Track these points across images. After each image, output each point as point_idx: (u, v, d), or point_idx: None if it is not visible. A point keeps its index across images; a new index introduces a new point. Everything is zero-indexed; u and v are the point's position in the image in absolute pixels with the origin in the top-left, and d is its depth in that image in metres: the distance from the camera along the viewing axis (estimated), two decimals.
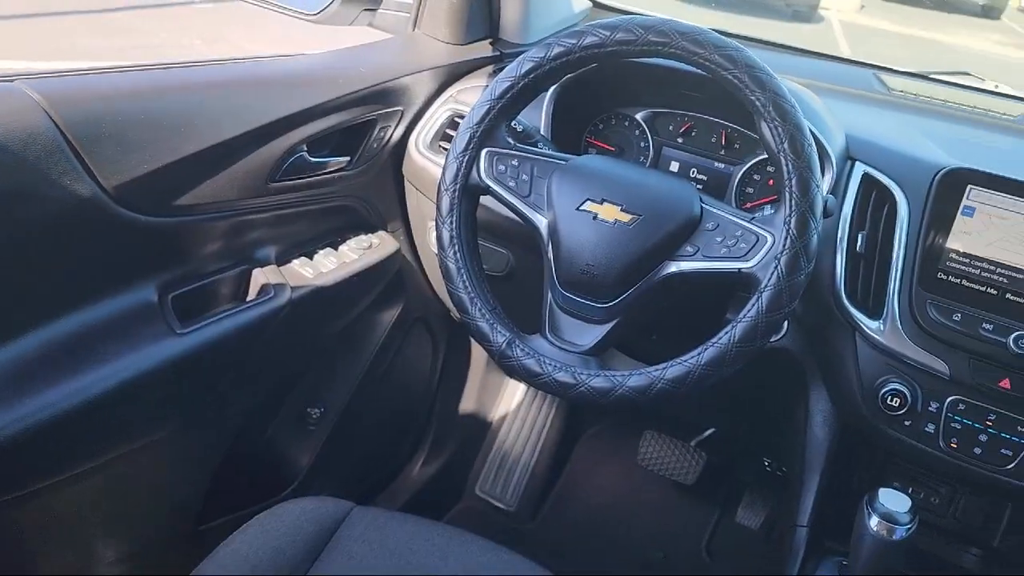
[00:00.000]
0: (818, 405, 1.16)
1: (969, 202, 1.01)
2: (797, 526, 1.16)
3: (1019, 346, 0.95)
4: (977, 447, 1.01)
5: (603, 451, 1.98)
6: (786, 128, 0.88)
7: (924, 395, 1.03)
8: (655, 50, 0.93)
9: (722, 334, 0.89)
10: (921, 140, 1.14)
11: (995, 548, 1.19)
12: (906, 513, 0.92)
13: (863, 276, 1.05)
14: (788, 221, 0.87)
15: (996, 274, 0.99)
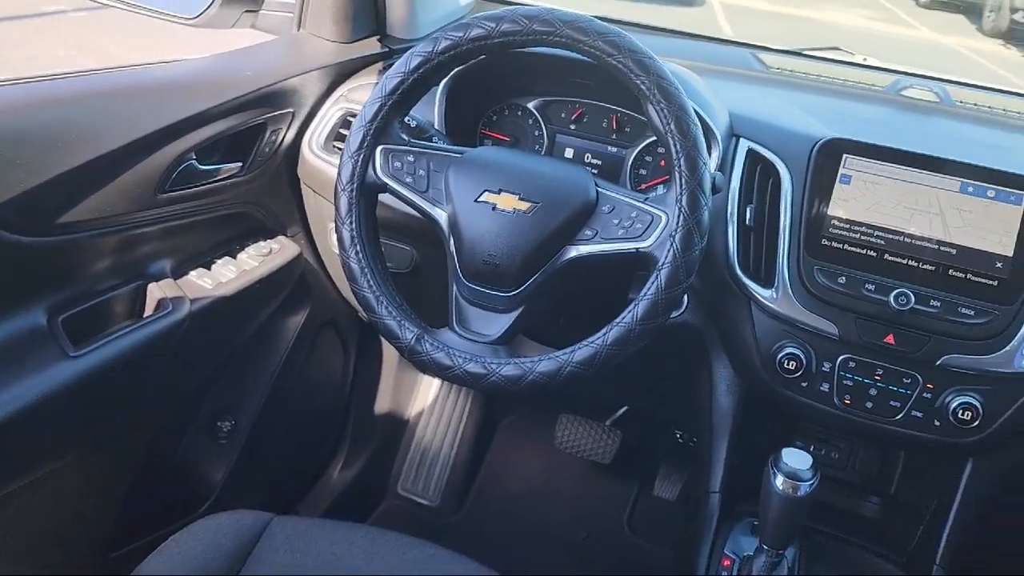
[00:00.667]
0: (721, 374, 1.21)
1: (846, 170, 1.07)
2: (710, 492, 1.20)
3: (899, 303, 1.01)
4: (868, 401, 1.07)
5: (521, 438, 2.00)
6: (671, 110, 0.91)
7: (817, 356, 1.08)
8: (541, 39, 0.94)
9: (625, 313, 0.91)
10: (799, 114, 1.19)
11: (892, 495, 1.26)
12: (808, 470, 0.96)
13: (754, 247, 1.09)
14: (680, 199, 0.90)
15: (874, 237, 1.05)
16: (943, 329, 1.01)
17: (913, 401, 1.05)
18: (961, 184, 1.04)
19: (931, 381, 1.04)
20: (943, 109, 1.35)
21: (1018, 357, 0.99)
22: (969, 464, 1.12)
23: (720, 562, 1.12)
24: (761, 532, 1.04)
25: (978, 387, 1.02)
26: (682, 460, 1.87)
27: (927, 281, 1.02)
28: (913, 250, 1.03)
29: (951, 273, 1.02)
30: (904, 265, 1.04)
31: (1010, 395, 1.02)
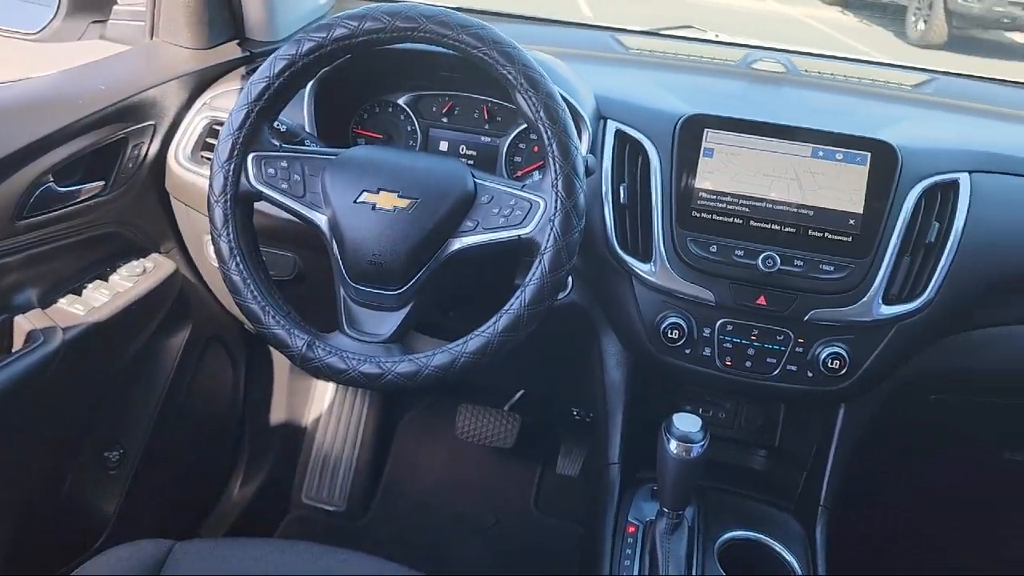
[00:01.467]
0: (610, 349, 1.25)
1: (708, 144, 1.12)
2: (609, 464, 1.24)
3: (767, 265, 1.07)
4: (747, 360, 1.13)
5: (423, 432, 2.01)
6: (539, 97, 0.93)
7: (698, 323, 1.13)
8: (405, 35, 0.94)
9: (513, 300, 0.93)
10: (660, 93, 1.24)
11: (777, 447, 1.34)
12: (699, 432, 1.01)
13: (630, 224, 1.13)
14: (555, 184, 0.92)
15: (739, 205, 1.11)
16: (808, 286, 1.08)
17: (787, 356, 1.12)
18: (812, 149, 1.11)
19: (802, 336, 1.11)
20: (791, 79, 1.43)
21: (875, 306, 1.07)
22: (841, 410, 1.20)
23: (625, 529, 1.16)
24: (661, 496, 1.08)
25: (843, 337, 1.10)
26: (581, 436, 1.92)
27: (790, 243, 1.09)
28: (775, 215, 1.10)
29: (810, 233, 1.09)
30: (768, 229, 1.10)
31: (872, 342, 1.09)
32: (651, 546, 1.10)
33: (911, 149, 1.10)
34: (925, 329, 1.10)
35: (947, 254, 1.08)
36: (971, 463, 1.50)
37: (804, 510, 1.23)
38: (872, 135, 1.10)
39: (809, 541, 1.18)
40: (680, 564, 1.06)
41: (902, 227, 1.07)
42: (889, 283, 1.07)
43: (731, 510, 1.20)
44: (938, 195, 1.09)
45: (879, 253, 1.07)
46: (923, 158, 1.10)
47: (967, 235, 1.08)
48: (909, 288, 1.08)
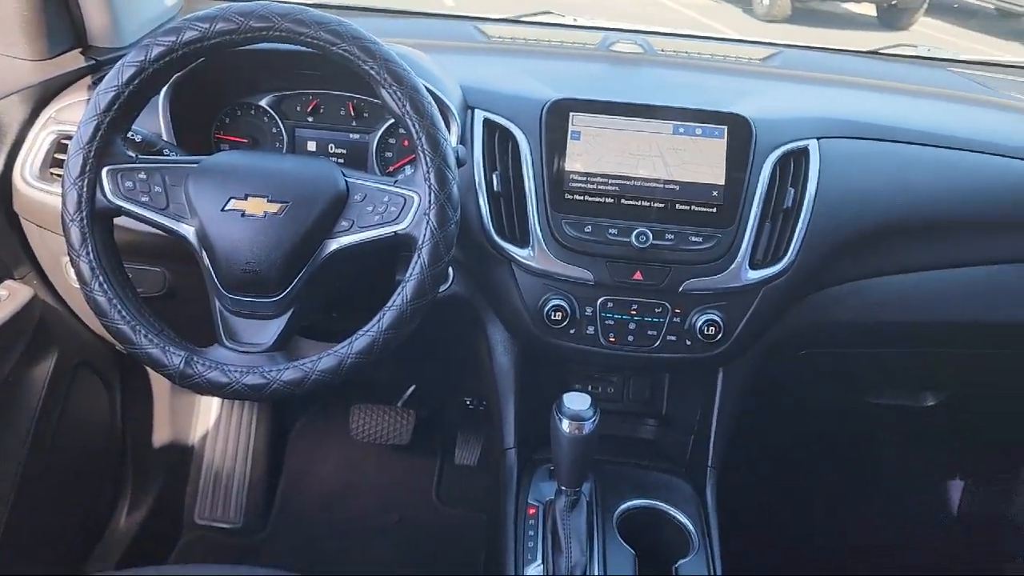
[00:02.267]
0: (496, 336, 1.26)
1: (575, 127, 1.15)
2: (506, 449, 1.26)
3: (640, 241, 1.10)
4: (630, 335, 1.17)
5: (316, 438, 1.97)
6: (404, 91, 0.92)
7: (579, 303, 1.16)
8: (260, 35, 0.92)
9: (396, 296, 0.93)
10: (525, 80, 1.25)
11: (664, 415, 1.39)
12: (589, 409, 1.04)
13: (506, 212, 1.15)
14: (428, 177, 0.92)
15: (609, 185, 1.13)
16: (680, 258, 1.12)
17: (667, 327, 1.16)
18: (673, 127, 1.15)
19: (678, 307, 1.15)
20: (648, 59, 1.47)
21: (743, 272, 1.13)
22: (720, 374, 1.25)
23: (526, 511, 1.18)
24: (558, 475, 1.11)
25: (717, 304, 1.15)
26: (476, 424, 1.93)
27: (660, 218, 1.13)
28: (644, 192, 1.13)
29: (678, 207, 1.13)
30: (639, 206, 1.13)
31: (742, 306, 1.15)
32: (552, 525, 1.12)
33: (763, 120, 1.16)
34: (789, 289, 1.16)
35: (803, 218, 1.14)
36: (841, 411, 1.60)
37: (694, 473, 1.28)
38: (727, 109, 1.16)
39: (701, 502, 1.23)
40: (582, 539, 1.09)
41: (761, 195, 1.13)
42: (754, 249, 1.13)
43: (626, 481, 1.24)
44: (791, 163, 1.15)
45: (742, 221, 1.12)
46: (775, 128, 1.16)
47: (820, 198, 1.15)
48: (772, 252, 1.14)
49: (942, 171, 1.22)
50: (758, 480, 1.73)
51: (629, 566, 1.10)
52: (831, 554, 1.82)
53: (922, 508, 1.99)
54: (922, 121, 1.31)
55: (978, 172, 1.23)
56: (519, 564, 1.12)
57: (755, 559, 1.40)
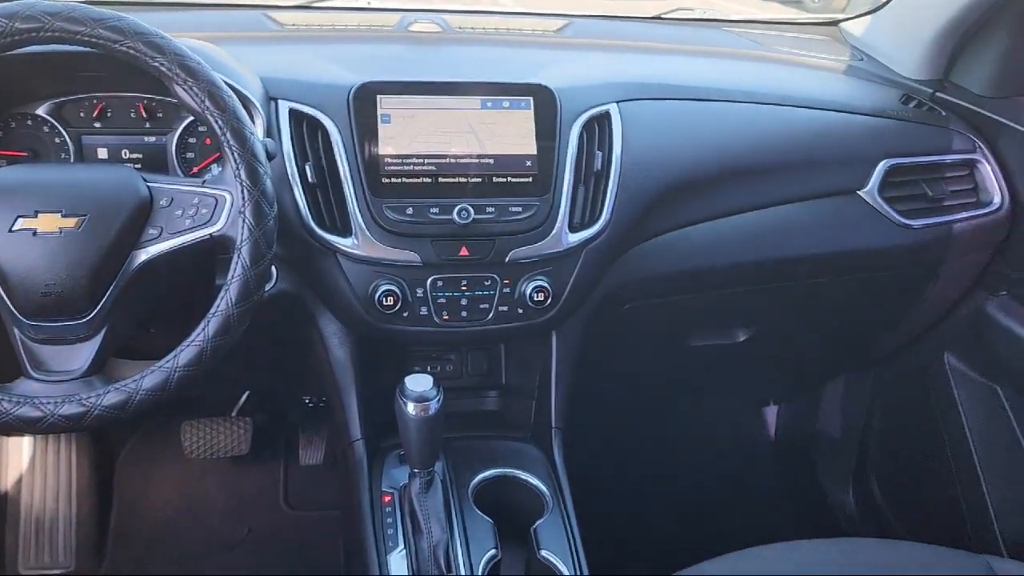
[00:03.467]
0: (329, 329, 1.24)
1: (384, 110, 1.14)
2: (353, 442, 1.24)
3: (462, 217, 1.11)
4: (463, 311, 1.18)
5: (148, 463, 1.86)
6: (201, 86, 0.88)
7: (410, 286, 1.15)
8: (29, 38, 0.84)
9: (219, 301, 0.89)
10: (327, 66, 1.22)
11: (505, 385, 1.42)
12: (432, 389, 1.04)
13: (324, 202, 1.12)
14: (238, 174, 0.89)
15: (426, 165, 1.14)
16: (503, 230, 1.14)
17: (498, 299, 1.18)
18: (481, 101, 1.16)
19: (507, 277, 1.17)
20: (448, 37, 1.48)
21: (563, 236, 1.16)
22: (554, 338, 1.29)
23: (381, 500, 1.18)
24: (409, 459, 1.11)
25: (543, 270, 1.18)
26: (318, 422, 1.89)
27: (479, 192, 1.14)
28: (461, 168, 1.14)
29: (495, 180, 1.15)
30: (457, 183, 1.14)
31: (567, 269, 1.19)
32: (410, 508, 1.12)
33: (565, 89, 1.20)
34: (608, 248, 1.21)
35: (613, 178, 1.19)
36: (666, 357, 1.69)
37: (540, 436, 1.32)
38: (531, 80, 1.19)
39: (549, 463, 1.27)
40: (440, 517, 1.10)
41: (572, 161, 1.17)
42: (571, 213, 1.17)
43: (476, 453, 1.26)
44: (595, 127, 1.20)
45: (557, 188, 1.16)
46: (577, 95, 1.21)
47: (626, 159, 1.20)
48: (589, 215, 1.19)
49: (730, 123, 1.32)
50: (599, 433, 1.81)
51: (489, 535, 1.13)
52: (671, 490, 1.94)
53: (745, 435, 2.16)
54: (707, 78, 1.40)
55: (761, 121, 1.34)
56: (381, 554, 1.12)
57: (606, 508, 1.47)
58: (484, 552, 1.10)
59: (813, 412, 1.98)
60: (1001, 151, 1.40)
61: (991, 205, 1.38)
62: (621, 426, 1.94)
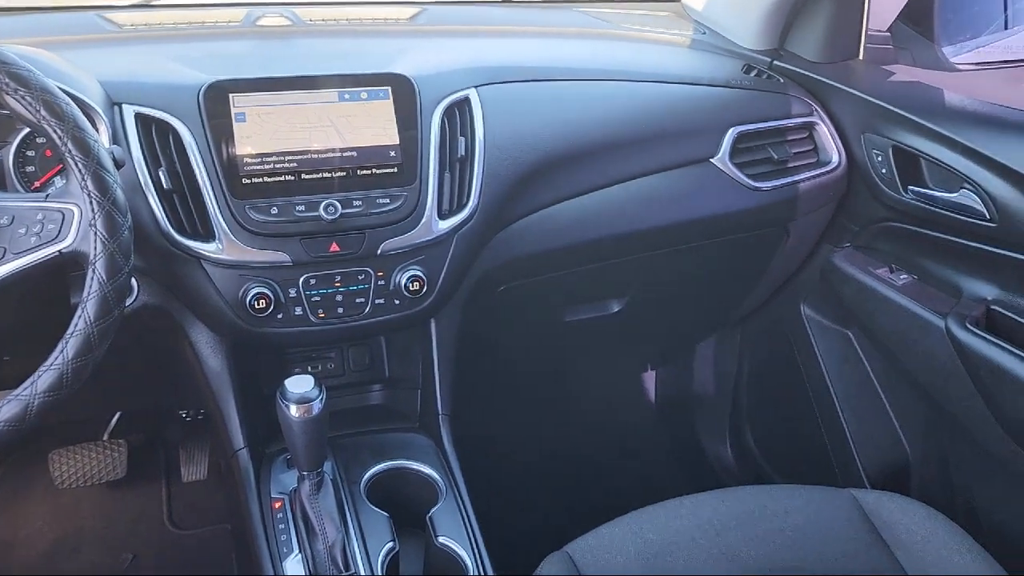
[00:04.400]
0: (201, 339, 1.20)
1: (238, 109, 1.10)
2: (237, 451, 1.21)
3: (329, 213, 1.10)
4: (339, 307, 1.17)
5: (13, 499, 1.75)
6: (34, 95, 0.83)
7: (282, 286, 1.13)
8: None
9: (77, 320, 0.85)
10: (173, 66, 1.18)
11: (389, 377, 1.41)
12: (314, 389, 1.02)
13: (182, 208, 1.08)
14: (85, 186, 0.85)
15: (287, 162, 1.11)
16: (372, 222, 1.14)
17: (373, 292, 1.17)
18: (339, 94, 1.15)
19: (380, 269, 1.17)
20: (298, 30, 1.45)
21: (433, 224, 1.17)
22: (432, 327, 1.30)
23: (271, 507, 1.15)
24: (296, 462, 1.09)
25: (416, 259, 1.18)
26: (198, 436, 1.82)
27: (345, 186, 1.13)
28: (324, 163, 1.13)
29: (360, 173, 1.14)
30: (322, 179, 1.12)
31: (440, 257, 1.20)
32: (302, 512, 1.11)
33: (423, 76, 1.20)
34: (479, 232, 1.23)
35: (478, 163, 1.21)
36: (544, 335, 1.73)
37: (428, 425, 1.32)
38: (387, 70, 1.18)
39: (440, 450, 1.28)
40: (334, 516, 1.09)
41: (436, 148, 1.17)
42: (439, 201, 1.17)
43: (366, 449, 1.25)
44: (456, 113, 1.21)
45: (423, 176, 1.16)
46: (435, 82, 1.21)
47: (489, 143, 1.22)
48: (457, 200, 1.20)
49: (586, 102, 1.35)
50: (487, 415, 1.83)
51: (386, 529, 1.13)
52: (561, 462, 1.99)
53: (627, 402, 2.24)
54: (562, 59, 1.43)
55: (614, 98, 1.38)
56: (275, 562, 1.10)
57: (500, 488, 1.49)
58: (381, 546, 1.10)
59: (688, 373, 2.07)
60: (835, 113, 1.50)
61: (830, 164, 1.48)
62: (508, 406, 1.97)
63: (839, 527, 1.14)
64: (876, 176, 1.43)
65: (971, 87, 1.43)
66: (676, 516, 1.15)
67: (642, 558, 1.08)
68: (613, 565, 1.08)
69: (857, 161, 1.47)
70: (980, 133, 1.25)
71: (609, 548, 1.10)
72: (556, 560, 1.09)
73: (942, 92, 1.39)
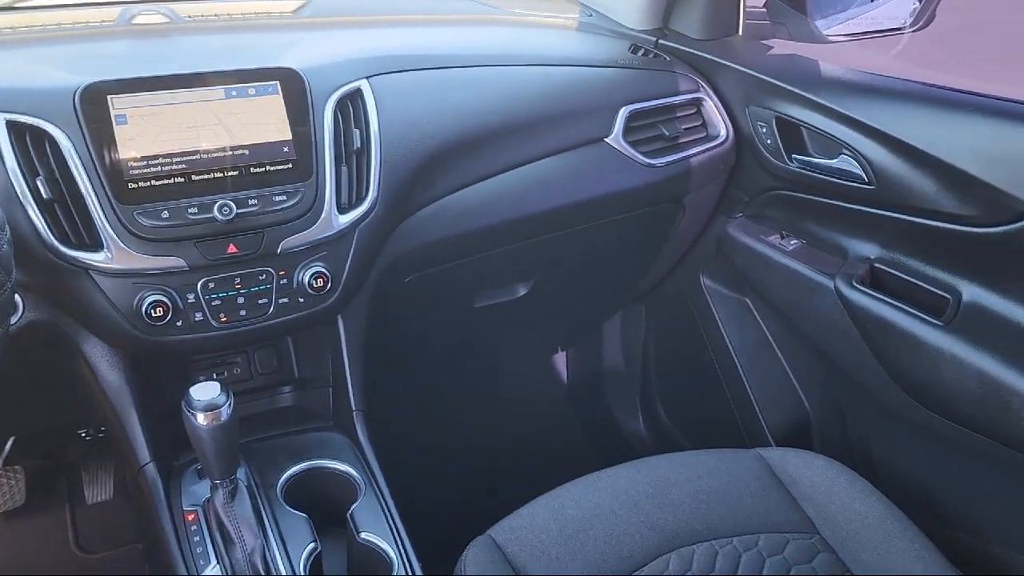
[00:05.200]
0: (96, 354, 1.15)
1: (117, 111, 1.06)
2: (142, 467, 1.17)
3: (224, 214, 1.07)
4: (241, 310, 1.14)
5: None
6: None
7: (179, 293, 1.09)
8: None
9: None
10: (43, 69, 1.12)
11: (299, 378, 1.38)
12: (221, 395, 1.00)
13: (65, 218, 1.03)
14: None
15: (175, 164, 1.07)
16: (270, 220, 1.11)
17: (276, 292, 1.15)
18: (225, 91, 1.11)
19: (282, 268, 1.15)
20: (177, 28, 1.40)
21: (333, 219, 1.15)
22: (340, 323, 1.28)
23: (184, 520, 1.12)
24: (208, 471, 1.06)
25: (318, 256, 1.16)
26: (101, 454, 1.75)
27: (238, 185, 1.10)
28: (214, 163, 1.09)
29: (254, 171, 1.11)
30: (213, 179, 1.09)
31: (343, 252, 1.18)
32: (217, 521, 1.08)
33: (313, 69, 1.18)
34: (381, 224, 1.22)
35: (375, 154, 1.19)
36: (455, 323, 1.73)
37: (342, 422, 1.31)
38: (274, 64, 1.15)
39: (356, 446, 1.27)
40: (252, 523, 1.07)
41: (330, 141, 1.15)
42: (338, 195, 1.16)
43: (280, 452, 1.23)
44: (349, 105, 1.19)
45: (319, 171, 1.14)
46: (325, 75, 1.19)
47: (385, 133, 1.21)
48: (356, 194, 1.18)
49: (480, 88, 1.36)
50: (403, 407, 1.82)
51: (306, 530, 1.11)
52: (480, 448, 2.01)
53: (541, 384, 2.27)
54: (453, 46, 1.43)
55: (508, 83, 1.39)
56: (193, 574, 1.07)
57: (420, 479, 1.49)
58: (303, 548, 1.09)
59: (597, 351, 2.11)
60: (720, 88, 1.55)
61: (719, 138, 1.53)
62: (422, 396, 1.96)
63: (748, 485, 1.18)
64: (762, 147, 1.48)
65: (844, 57, 1.50)
66: (594, 490, 1.17)
67: (564, 534, 1.10)
68: (536, 544, 1.10)
69: (743, 133, 1.53)
70: (854, 101, 1.31)
71: (531, 528, 1.12)
72: (480, 545, 1.10)
73: (817, 63, 1.45)
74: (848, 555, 1.10)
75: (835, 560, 1.09)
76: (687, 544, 1.10)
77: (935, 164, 1.19)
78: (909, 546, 1.10)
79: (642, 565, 1.08)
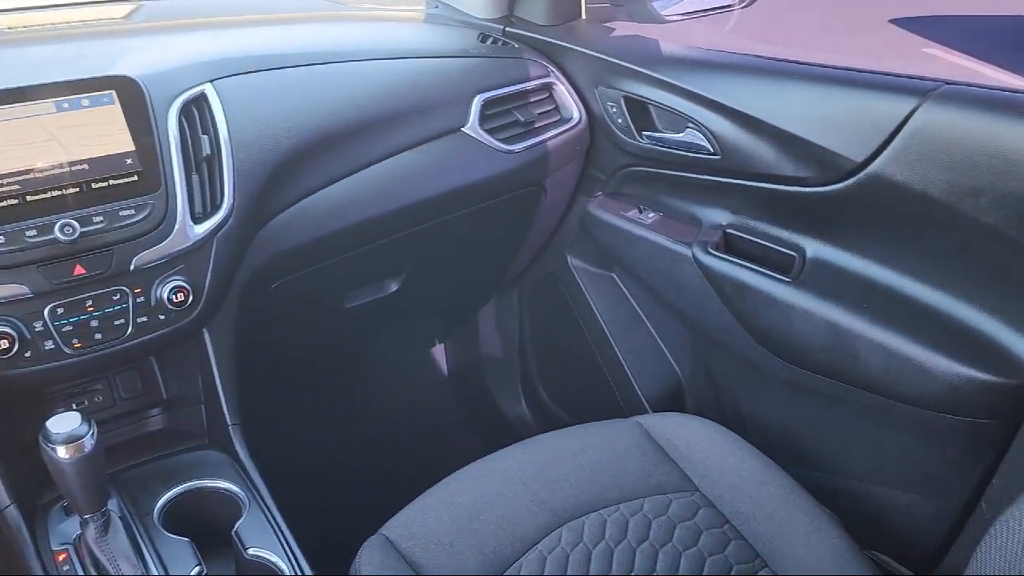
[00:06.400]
0: None
1: None
2: (3, 511, 1.09)
3: (67, 234, 1.01)
4: (96, 333, 1.08)
5: None
6: None
7: (25, 321, 1.03)
8: None
9: None
10: None
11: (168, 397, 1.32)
12: (83, 425, 0.94)
13: None
14: None
15: (5, 185, 1.00)
16: (118, 238, 1.06)
17: (133, 311, 1.10)
18: (55, 104, 1.05)
19: (137, 286, 1.09)
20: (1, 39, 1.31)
21: (188, 230, 1.11)
22: (207, 336, 1.23)
23: (54, 561, 1.06)
24: (75, 507, 1.01)
25: (176, 269, 1.12)
26: None
27: (80, 203, 1.04)
28: (51, 181, 1.03)
29: (96, 187, 1.05)
30: (51, 198, 1.03)
31: (202, 263, 1.14)
32: (91, 558, 1.03)
33: (151, 76, 1.12)
34: (240, 231, 1.18)
35: (227, 160, 1.16)
36: (327, 326, 1.70)
37: (219, 439, 1.27)
38: (108, 73, 1.09)
39: (236, 462, 1.23)
40: (129, 555, 1.02)
41: (177, 150, 1.11)
42: (191, 205, 1.12)
43: (155, 477, 1.18)
44: (195, 111, 1.15)
45: (169, 182, 1.10)
46: (165, 80, 1.14)
47: (236, 138, 1.17)
48: (210, 202, 1.14)
49: (332, 85, 1.34)
50: (283, 416, 1.78)
51: (189, 554, 1.07)
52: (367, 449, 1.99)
53: (421, 379, 2.27)
54: (301, 44, 1.40)
55: (359, 79, 1.37)
56: None
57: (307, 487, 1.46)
58: (187, 572, 1.05)
59: (475, 340, 2.12)
60: (569, 72, 1.58)
61: (572, 120, 1.57)
62: (301, 403, 1.92)
63: (629, 453, 1.23)
64: (614, 126, 1.53)
65: (681, 36, 1.57)
66: (482, 476, 1.18)
67: (457, 523, 1.11)
68: (430, 536, 1.10)
69: (595, 114, 1.57)
70: (694, 76, 1.37)
71: (423, 521, 1.12)
72: (374, 544, 1.10)
73: (658, 43, 1.51)
74: (727, 507, 1.16)
75: (716, 513, 1.15)
76: (576, 516, 1.13)
77: (772, 131, 1.27)
78: (780, 491, 1.17)
79: (535, 543, 1.10)
